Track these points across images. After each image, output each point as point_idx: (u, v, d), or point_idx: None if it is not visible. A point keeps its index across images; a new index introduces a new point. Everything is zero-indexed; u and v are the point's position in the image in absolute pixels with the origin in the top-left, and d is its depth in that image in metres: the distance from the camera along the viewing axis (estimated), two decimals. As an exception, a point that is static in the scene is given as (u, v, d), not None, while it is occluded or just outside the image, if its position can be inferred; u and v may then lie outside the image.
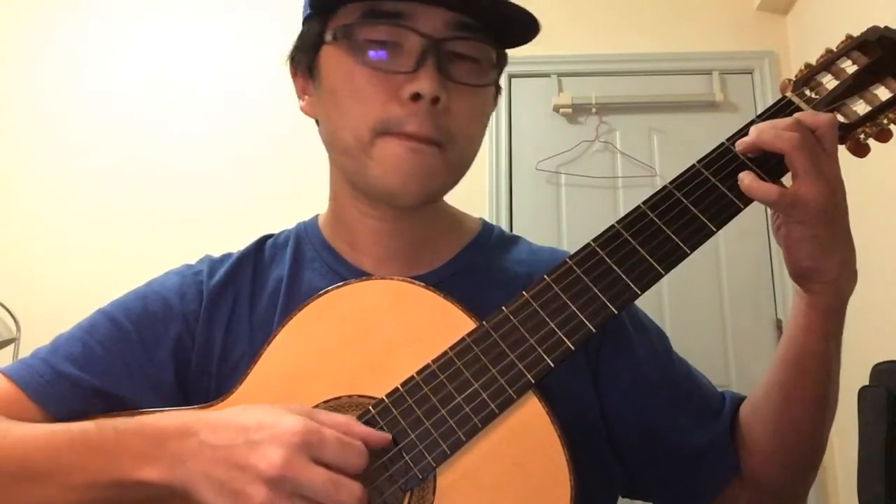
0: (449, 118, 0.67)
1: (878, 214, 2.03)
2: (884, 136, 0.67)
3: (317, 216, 0.83)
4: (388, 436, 0.60)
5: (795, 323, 0.68)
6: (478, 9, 0.66)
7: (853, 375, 1.29)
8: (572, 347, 0.62)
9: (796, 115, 0.63)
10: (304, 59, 0.74)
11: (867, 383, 1.24)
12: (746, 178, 0.62)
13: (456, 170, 0.71)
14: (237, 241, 0.83)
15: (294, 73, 0.76)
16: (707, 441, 0.72)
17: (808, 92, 0.67)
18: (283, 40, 0.77)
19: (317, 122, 0.76)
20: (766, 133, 0.61)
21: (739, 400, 0.76)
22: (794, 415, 0.69)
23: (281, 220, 0.88)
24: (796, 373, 0.68)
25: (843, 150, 0.68)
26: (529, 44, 0.71)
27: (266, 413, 0.57)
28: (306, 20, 0.74)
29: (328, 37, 0.70)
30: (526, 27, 0.69)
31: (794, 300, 0.68)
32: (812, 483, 0.74)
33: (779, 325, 2.49)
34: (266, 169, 2.60)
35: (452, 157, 0.69)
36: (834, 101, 0.66)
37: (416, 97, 0.65)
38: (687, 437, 0.73)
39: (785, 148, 0.60)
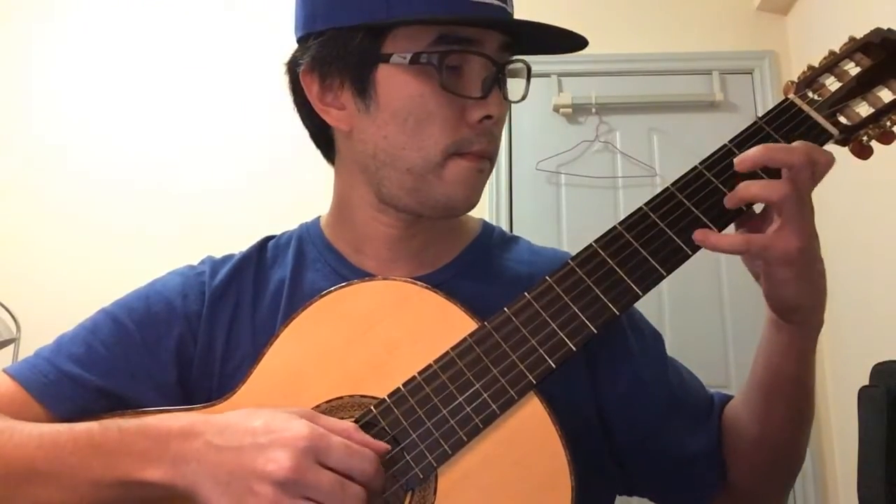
0: (496, 131, 0.71)
1: (879, 215, 2.03)
2: (886, 138, 0.67)
3: (318, 217, 0.83)
4: (387, 445, 0.60)
5: (771, 349, 0.68)
6: (529, 32, 0.69)
7: (853, 375, 1.30)
8: (574, 349, 0.62)
9: (799, 147, 0.60)
10: (349, 73, 0.69)
11: (867, 383, 1.24)
12: (700, 235, 0.62)
13: None
14: (238, 243, 0.83)
15: (320, 81, 0.71)
16: (699, 448, 0.74)
17: (810, 94, 0.67)
18: (284, 46, 0.76)
19: (334, 131, 0.75)
20: (752, 186, 0.60)
21: (727, 402, 0.77)
22: (773, 434, 0.71)
23: (284, 220, 0.88)
24: (774, 396, 0.69)
25: (846, 152, 0.68)
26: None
27: (273, 417, 0.58)
28: (339, 31, 0.68)
29: (396, 58, 0.66)
30: (572, 46, 0.71)
31: (767, 328, 0.68)
32: (790, 489, 0.77)
33: (779, 325, 2.48)
34: (268, 170, 2.59)
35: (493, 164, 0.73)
36: (837, 104, 0.66)
37: (486, 119, 0.68)
38: (680, 442, 0.74)
39: (773, 199, 0.59)
